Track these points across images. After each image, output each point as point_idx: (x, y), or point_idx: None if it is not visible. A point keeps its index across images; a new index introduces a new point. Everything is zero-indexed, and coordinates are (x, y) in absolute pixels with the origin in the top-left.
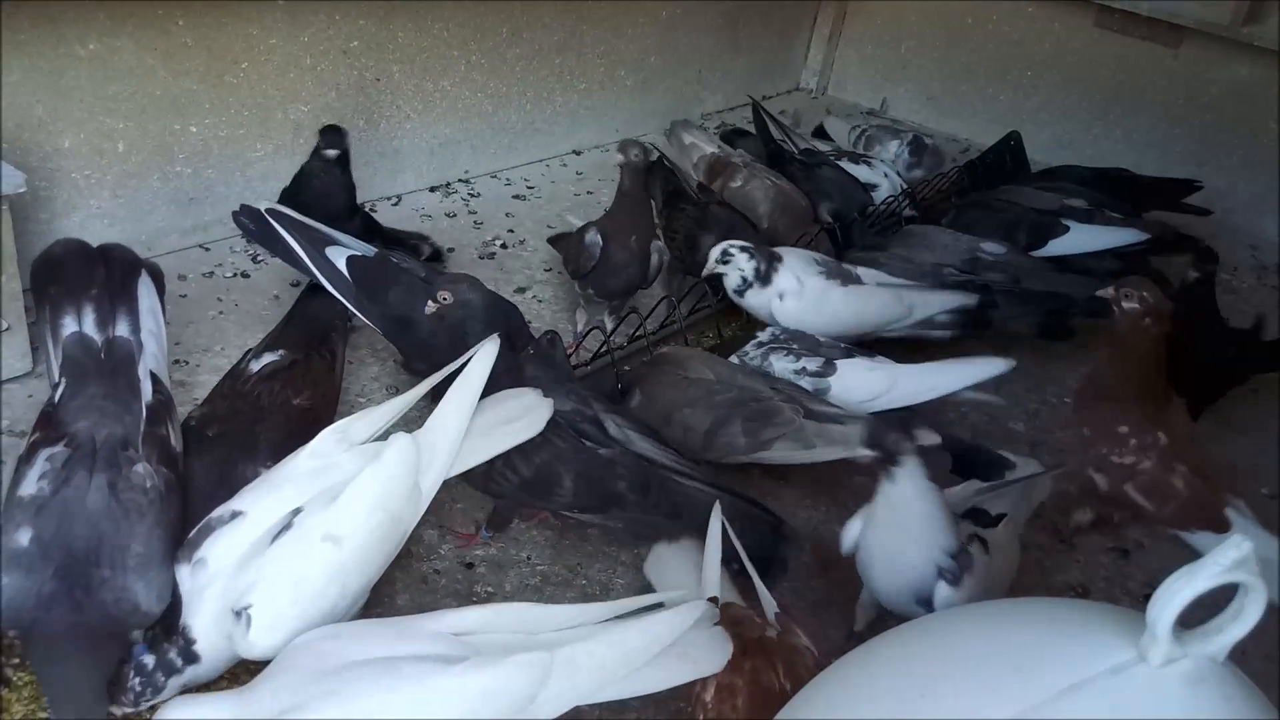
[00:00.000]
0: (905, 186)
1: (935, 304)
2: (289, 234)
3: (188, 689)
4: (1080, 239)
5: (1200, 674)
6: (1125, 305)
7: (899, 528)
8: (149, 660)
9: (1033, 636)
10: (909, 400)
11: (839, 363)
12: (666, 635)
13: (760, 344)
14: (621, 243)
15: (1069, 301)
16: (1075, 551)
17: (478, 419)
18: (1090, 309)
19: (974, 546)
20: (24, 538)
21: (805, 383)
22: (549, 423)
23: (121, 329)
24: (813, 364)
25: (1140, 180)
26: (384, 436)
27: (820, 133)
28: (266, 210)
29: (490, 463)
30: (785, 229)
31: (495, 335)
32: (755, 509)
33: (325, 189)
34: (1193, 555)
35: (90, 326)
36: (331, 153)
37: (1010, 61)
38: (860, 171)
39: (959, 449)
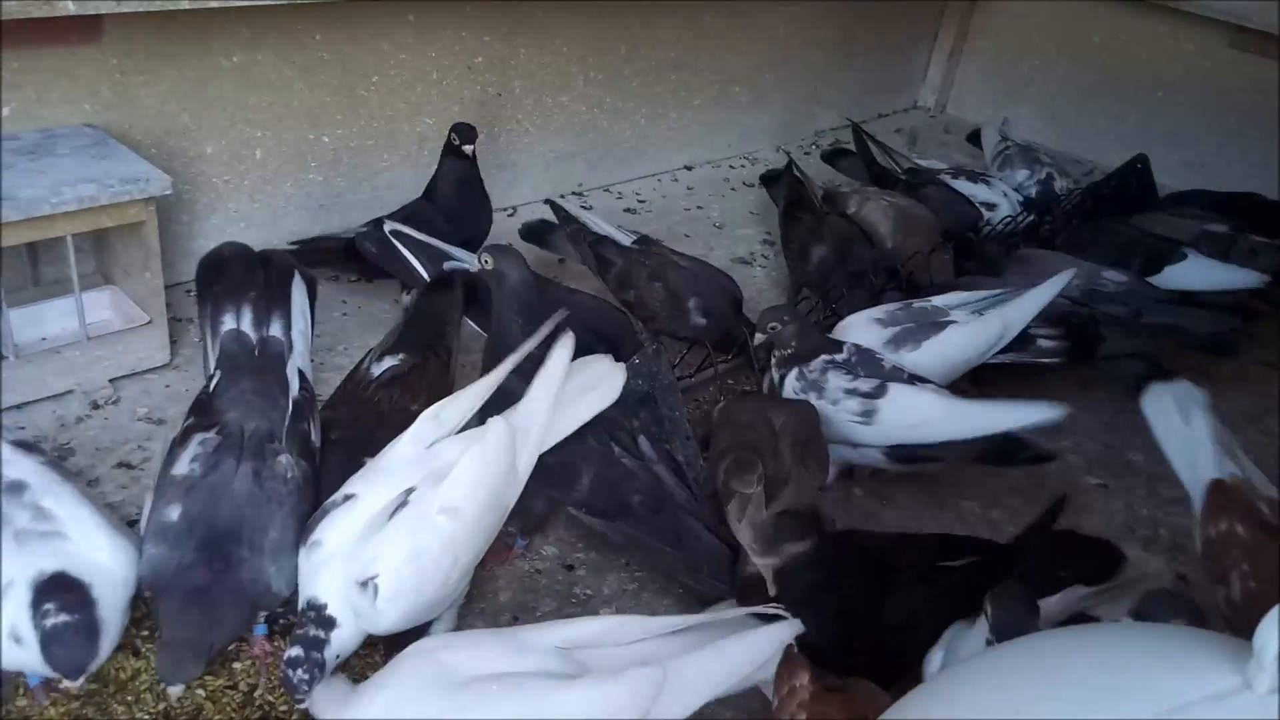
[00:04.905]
0: (1022, 205)
1: (1029, 307)
2: (410, 252)
3: (340, 659)
4: (1196, 271)
5: None
6: None
7: None
8: (296, 652)
9: (1135, 660)
10: (951, 433)
11: (892, 385)
12: (766, 649)
13: (827, 360)
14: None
15: (1181, 334)
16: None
17: None
18: (1209, 345)
19: None
20: (174, 513)
21: (854, 403)
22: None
23: (275, 329)
24: (866, 385)
25: (1273, 205)
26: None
27: (974, 138)
28: (390, 231)
29: None
30: (914, 247)
31: (569, 330)
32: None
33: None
34: None
35: (247, 325)
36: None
37: (1138, 82)
38: (979, 191)
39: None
